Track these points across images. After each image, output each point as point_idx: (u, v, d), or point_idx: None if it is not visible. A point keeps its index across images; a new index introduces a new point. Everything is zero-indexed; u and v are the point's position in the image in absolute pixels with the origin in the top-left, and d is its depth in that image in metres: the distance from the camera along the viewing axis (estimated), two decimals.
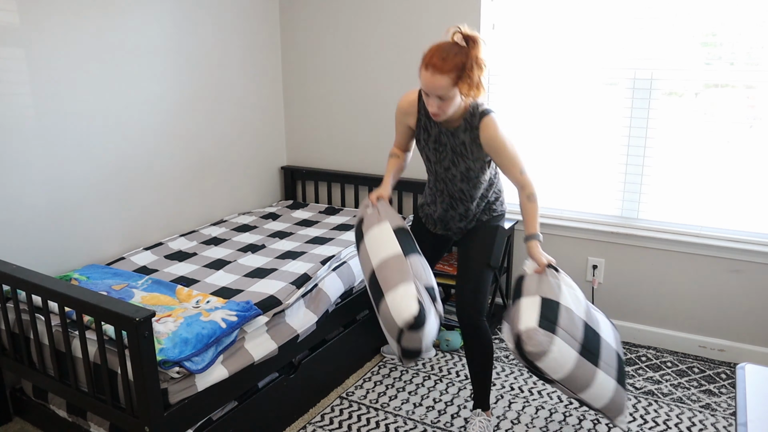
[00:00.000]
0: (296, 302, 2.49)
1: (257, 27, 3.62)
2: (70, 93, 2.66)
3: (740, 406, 1.38)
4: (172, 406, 1.94)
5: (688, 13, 2.78)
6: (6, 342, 2.33)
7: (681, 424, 2.52)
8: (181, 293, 2.42)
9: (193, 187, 3.33)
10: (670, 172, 2.98)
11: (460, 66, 2.03)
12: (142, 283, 2.50)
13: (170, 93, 3.12)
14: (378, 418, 2.56)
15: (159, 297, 2.38)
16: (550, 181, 3.25)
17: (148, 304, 2.31)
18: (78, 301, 1.90)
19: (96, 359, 2.01)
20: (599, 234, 3.15)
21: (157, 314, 2.17)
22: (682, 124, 2.90)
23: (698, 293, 3.01)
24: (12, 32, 2.43)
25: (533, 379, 2.83)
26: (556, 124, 3.17)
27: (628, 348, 3.12)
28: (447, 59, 2.03)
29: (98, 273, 2.58)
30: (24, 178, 2.54)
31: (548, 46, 3.10)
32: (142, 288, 2.45)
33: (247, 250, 2.96)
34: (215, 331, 2.08)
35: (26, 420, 2.50)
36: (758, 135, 2.79)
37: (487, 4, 3.17)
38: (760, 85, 2.73)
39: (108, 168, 2.86)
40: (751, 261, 2.85)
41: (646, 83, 2.92)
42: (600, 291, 3.23)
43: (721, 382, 2.82)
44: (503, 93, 3.26)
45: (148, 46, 2.97)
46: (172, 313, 2.20)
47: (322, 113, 3.79)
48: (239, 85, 3.54)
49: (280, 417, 2.46)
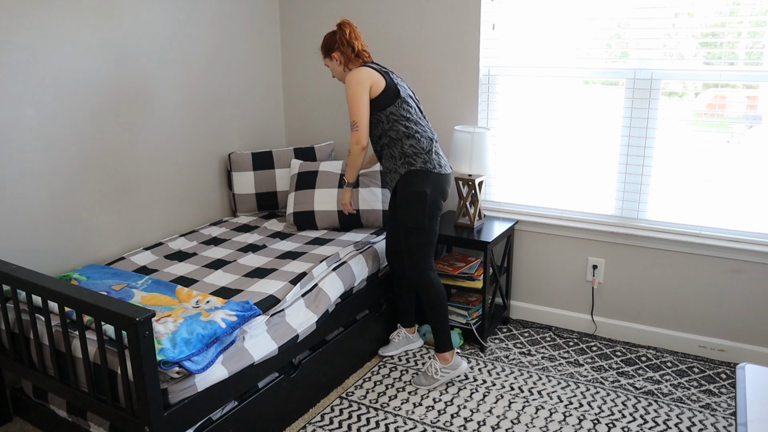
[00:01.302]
0: (296, 302, 2.49)
1: (257, 27, 3.62)
2: (70, 93, 2.66)
3: (740, 406, 1.38)
4: (172, 406, 1.94)
5: (688, 13, 2.78)
6: (6, 342, 2.33)
7: (681, 424, 2.52)
8: (181, 293, 2.42)
9: (193, 186, 3.33)
10: (670, 172, 2.98)
11: (328, 46, 2.75)
12: (142, 283, 2.50)
13: (170, 93, 3.12)
14: (378, 418, 2.56)
15: (159, 297, 2.38)
16: (550, 181, 3.25)
17: (148, 304, 2.31)
18: (78, 301, 1.90)
19: (96, 359, 2.02)
20: (599, 234, 3.14)
21: (156, 314, 2.16)
22: (682, 124, 2.90)
23: (698, 293, 3.00)
24: (12, 32, 2.43)
25: (533, 379, 2.84)
26: (556, 124, 3.17)
27: (629, 348, 3.13)
28: (323, 42, 2.78)
29: (98, 273, 2.58)
30: (24, 178, 2.54)
31: (548, 46, 3.10)
32: (142, 288, 2.45)
33: (247, 250, 2.96)
34: (215, 331, 2.08)
35: (26, 420, 2.50)
36: (758, 135, 2.78)
37: (487, 4, 3.17)
38: (760, 85, 2.73)
39: (108, 168, 2.86)
40: (751, 261, 2.85)
41: (646, 83, 2.92)
42: (600, 291, 3.23)
43: (721, 382, 2.81)
44: (503, 93, 3.26)
45: (148, 45, 2.97)
46: (172, 313, 2.20)
47: (322, 113, 3.79)
48: (239, 84, 3.54)
49: (280, 417, 2.46)
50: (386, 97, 2.65)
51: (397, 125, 2.67)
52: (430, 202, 2.65)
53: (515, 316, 3.48)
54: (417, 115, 2.73)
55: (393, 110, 2.66)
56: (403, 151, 2.67)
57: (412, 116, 2.69)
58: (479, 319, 3.13)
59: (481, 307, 3.10)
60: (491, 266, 3.10)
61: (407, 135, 2.66)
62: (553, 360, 3.01)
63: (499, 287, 3.26)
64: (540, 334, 3.27)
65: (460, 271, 3.06)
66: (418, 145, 2.67)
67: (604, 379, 2.84)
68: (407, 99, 2.71)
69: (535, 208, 3.31)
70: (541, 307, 3.40)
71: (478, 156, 3.06)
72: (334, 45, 2.73)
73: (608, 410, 2.61)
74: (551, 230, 3.26)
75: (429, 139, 2.70)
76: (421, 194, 2.63)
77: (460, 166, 3.10)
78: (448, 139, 3.40)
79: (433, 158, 2.69)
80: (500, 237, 3.09)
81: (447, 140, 3.41)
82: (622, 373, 2.89)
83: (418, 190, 2.63)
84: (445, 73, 3.33)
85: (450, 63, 3.30)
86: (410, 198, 2.64)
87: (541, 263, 3.34)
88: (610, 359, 3.01)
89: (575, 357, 3.04)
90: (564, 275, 3.30)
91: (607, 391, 2.75)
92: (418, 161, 2.66)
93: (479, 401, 2.67)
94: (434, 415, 2.58)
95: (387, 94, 2.65)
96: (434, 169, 2.66)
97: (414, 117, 2.70)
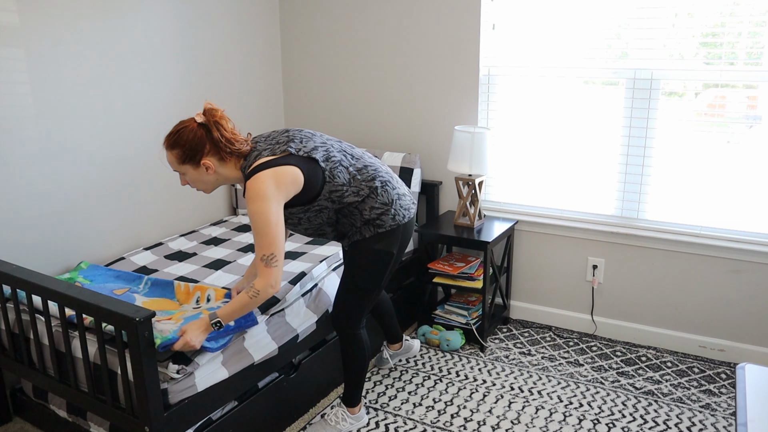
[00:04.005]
0: (296, 302, 2.49)
1: (257, 27, 3.62)
2: (70, 93, 2.66)
3: (740, 406, 1.38)
4: (172, 406, 1.94)
5: (688, 13, 2.78)
6: (6, 342, 2.33)
7: (681, 424, 2.52)
8: (180, 291, 2.42)
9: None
10: (670, 172, 2.98)
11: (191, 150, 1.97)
12: (143, 287, 2.50)
13: (170, 93, 3.12)
14: (378, 418, 2.56)
15: (160, 302, 2.37)
16: (550, 181, 3.25)
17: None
18: (78, 301, 1.90)
19: (96, 359, 2.01)
20: (599, 234, 3.14)
21: (157, 317, 2.16)
22: (682, 124, 2.90)
23: (698, 293, 3.00)
24: (12, 32, 2.43)
25: (533, 379, 2.84)
26: (556, 124, 3.17)
27: (629, 348, 3.13)
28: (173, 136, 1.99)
29: (101, 276, 2.57)
30: (24, 178, 2.54)
31: (548, 46, 3.10)
32: (143, 293, 2.45)
33: (247, 250, 2.95)
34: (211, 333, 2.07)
35: (26, 420, 2.50)
36: (758, 135, 2.78)
37: (487, 4, 3.17)
38: (760, 85, 2.73)
39: (108, 168, 2.87)
40: (751, 261, 2.85)
41: (646, 83, 2.92)
42: (600, 291, 3.23)
43: (721, 382, 2.81)
44: (503, 93, 3.26)
45: (148, 45, 2.97)
46: (173, 317, 2.20)
47: (322, 112, 3.79)
48: (239, 84, 3.54)
49: (280, 417, 2.46)
50: (313, 182, 2.03)
51: (346, 198, 2.09)
52: (394, 262, 2.22)
53: (515, 316, 3.48)
54: (354, 161, 2.14)
55: (330, 188, 2.06)
56: (364, 219, 2.14)
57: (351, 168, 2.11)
58: (479, 319, 3.13)
59: (481, 307, 3.10)
60: (491, 266, 3.10)
61: (362, 200, 2.12)
62: (553, 360, 3.01)
63: (499, 287, 3.26)
64: (540, 334, 3.27)
65: (460, 271, 3.06)
66: (380, 201, 2.13)
67: (604, 379, 2.84)
68: (332, 155, 2.07)
69: (535, 208, 3.31)
70: (541, 307, 3.40)
71: (478, 156, 3.06)
72: (199, 148, 1.96)
73: (608, 410, 2.61)
74: (551, 230, 3.26)
75: (383, 182, 2.15)
76: (386, 255, 2.17)
77: (460, 166, 3.10)
78: (448, 139, 3.40)
79: (399, 206, 2.18)
80: (500, 237, 3.09)
81: (447, 140, 3.41)
82: (622, 373, 2.89)
83: (383, 250, 2.16)
84: (445, 73, 3.33)
85: (450, 63, 3.30)
86: (372, 257, 2.17)
87: (541, 263, 3.34)
88: (610, 359, 3.01)
89: (575, 357, 3.04)
90: (564, 275, 3.30)
91: (607, 391, 2.75)
92: (387, 220, 2.15)
93: (479, 401, 2.67)
94: (434, 415, 2.58)
95: (311, 179, 2.02)
96: (404, 219, 2.19)
97: (354, 166, 2.11)
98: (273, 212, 1.92)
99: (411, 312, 3.34)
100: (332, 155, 2.09)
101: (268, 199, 1.92)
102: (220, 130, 1.99)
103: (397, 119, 3.54)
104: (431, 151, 3.48)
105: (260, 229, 1.92)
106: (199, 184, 2.05)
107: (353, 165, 2.13)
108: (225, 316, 1.98)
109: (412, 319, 3.37)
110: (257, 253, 1.95)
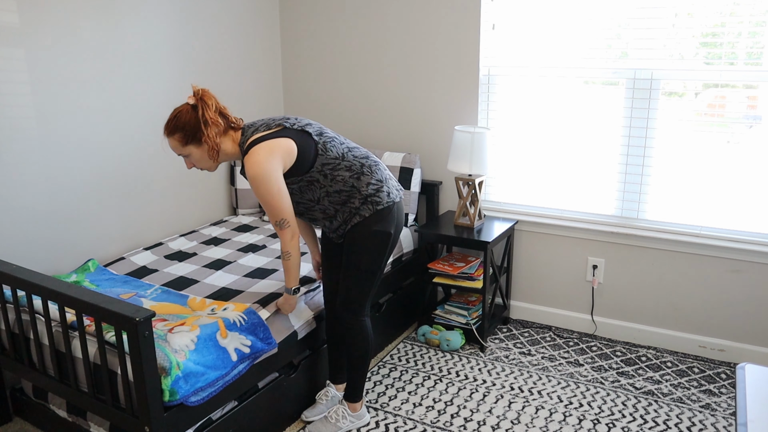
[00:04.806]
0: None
1: (257, 27, 3.62)
2: (70, 93, 2.66)
3: (740, 406, 1.38)
4: (172, 406, 1.94)
5: (688, 13, 2.78)
6: (6, 342, 2.33)
7: (681, 424, 2.52)
8: (194, 303, 2.38)
9: (193, 186, 3.33)
10: (670, 172, 2.98)
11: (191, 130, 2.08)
12: (151, 292, 2.48)
13: (170, 93, 3.12)
14: (378, 418, 2.56)
15: (169, 306, 2.34)
16: (550, 181, 3.25)
17: (158, 313, 2.28)
18: (78, 301, 1.90)
19: (96, 359, 2.01)
20: (599, 234, 3.14)
21: (169, 323, 2.14)
22: (682, 124, 2.90)
23: (698, 293, 3.00)
24: (12, 32, 2.43)
25: (533, 379, 2.83)
26: (556, 124, 3.17)
27: (629, 348, 3.13)
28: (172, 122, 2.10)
29: (107, 281, 2.56)
30: (24, 178, 2.54)
31: (548, 46, 3.10)
32: (151, 297, 2.43)
33: (247, 250, 2.95)
34: (226, 365, 2.06)
35: (26, 420, 2.49)
36: (758, 135, 2.78)
37: (487, 4, 3.17)
38: (760, 85, 2.73)
39: (108, 168, 2.87)
40: (751, 261, 2.85)
41: (646, 83, 2.92)
42: (600, 291, 3.23)
43: (721, 382, 2.81)
44: (503, 93, 3.26)
45: (148, 45, 2.97)
46: (186, 321, 2.15)
47: (322, 112, 3.79)
48: (239, 84, 3.54)
49: (280, 417, 2.46)
50: (306, 154, 2.13)
51: (338, 172, 2.18)
52: (392, 243, 2.30)
53: (515, 316, 3.48)
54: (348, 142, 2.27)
55: (323, 160, 2.15)
56: (362, 195, 2.21)
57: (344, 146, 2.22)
58: (479, 319, 3.13)
59: (481, 307, 3.10)
60: (491, 266, 3.10)
61: (357, 175, 2.20)
62: (553, 360, 3.01)
63: (499, 287, 3.26)
64: (540, 334, 3.27)
65: (460, 271, 3.06)
66: (376, 178, 2.23)
67: (604, 379, 2.84)
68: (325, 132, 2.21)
69: (535, 208, 3.31)
70: (541, 307, 3.40)
71: (478, 156, 3.06)
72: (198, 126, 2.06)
73: (608, 410, 2.61)
74: (551, 230, 3.26)
75: (375, 162, 2.27)
76: (385, 235, 2.24)
77: (460, 166, 3.10)
78: (448, 139, 3.40)
79: (391, 185, 2.28)
80: (500, 237, 3.09)
81: (447, 140, 3.41)
82: (622, 373, 2.89)
83: (382, 230, 2.23)
84: (445, 73, 3.33)
85: (450, 63, 3.30)
86: (372, 239, 2.23)
87: (541, 263, 3.34)
88: (610, 359, 3.01)
89: (575, 357, 3.04)
90: (564, 275, 3.30)
91: (607, 391, 2.75)
92: (383, 197, 2.23)
93: (479, 401, 2.67)
94: (434, 415, 2.58)
95: (304, 151, 2.13)
96: (396, 198, 2.27)
97: (345, 145, 2.23)
98: (273, 181, 2.05)
99: (411, 312, 3.34)
100: (326, 132, 2.22)
101: (267, 169, 2.04)
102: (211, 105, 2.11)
103: (397, 119, 3.54)
104: (431, 151, 3.48)
105: (266, 200, 2.07)
106: (203, 162, 2.15)
107: (346, 144, 2.26)
108: (290, 282, 2.25)
109: (412, 319, 3.37)
110: (270, 221, 2.14)
